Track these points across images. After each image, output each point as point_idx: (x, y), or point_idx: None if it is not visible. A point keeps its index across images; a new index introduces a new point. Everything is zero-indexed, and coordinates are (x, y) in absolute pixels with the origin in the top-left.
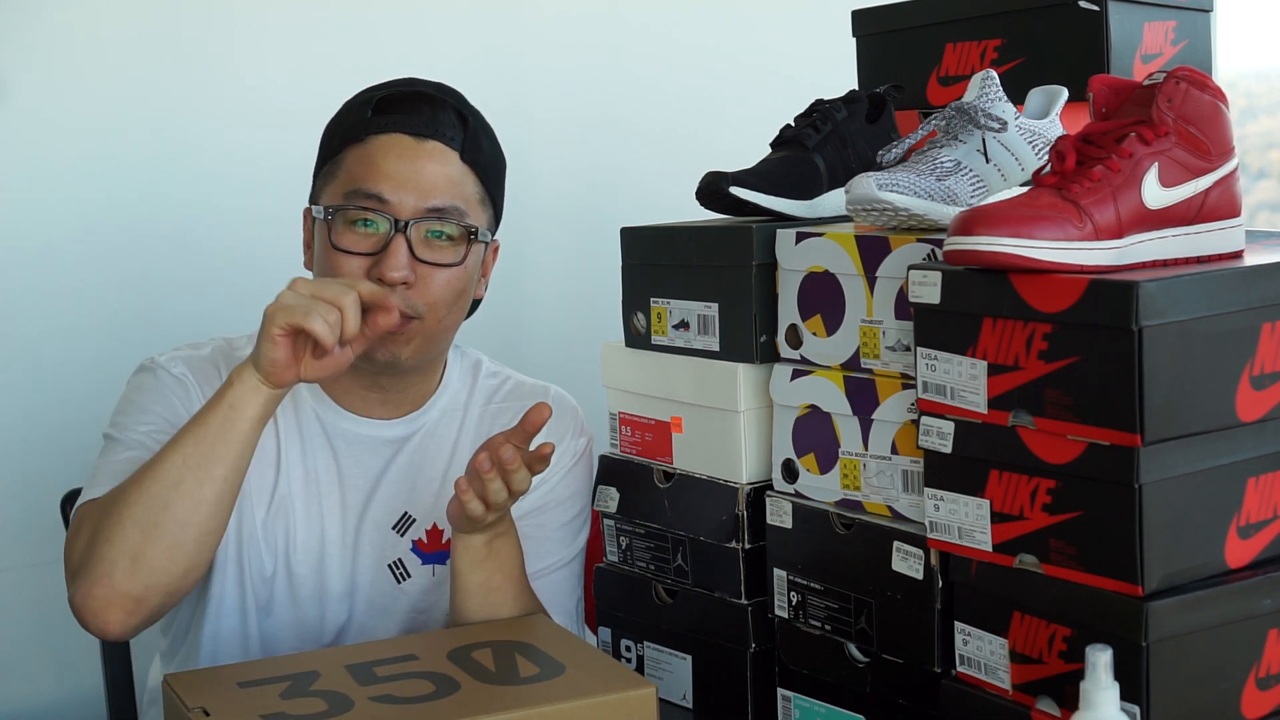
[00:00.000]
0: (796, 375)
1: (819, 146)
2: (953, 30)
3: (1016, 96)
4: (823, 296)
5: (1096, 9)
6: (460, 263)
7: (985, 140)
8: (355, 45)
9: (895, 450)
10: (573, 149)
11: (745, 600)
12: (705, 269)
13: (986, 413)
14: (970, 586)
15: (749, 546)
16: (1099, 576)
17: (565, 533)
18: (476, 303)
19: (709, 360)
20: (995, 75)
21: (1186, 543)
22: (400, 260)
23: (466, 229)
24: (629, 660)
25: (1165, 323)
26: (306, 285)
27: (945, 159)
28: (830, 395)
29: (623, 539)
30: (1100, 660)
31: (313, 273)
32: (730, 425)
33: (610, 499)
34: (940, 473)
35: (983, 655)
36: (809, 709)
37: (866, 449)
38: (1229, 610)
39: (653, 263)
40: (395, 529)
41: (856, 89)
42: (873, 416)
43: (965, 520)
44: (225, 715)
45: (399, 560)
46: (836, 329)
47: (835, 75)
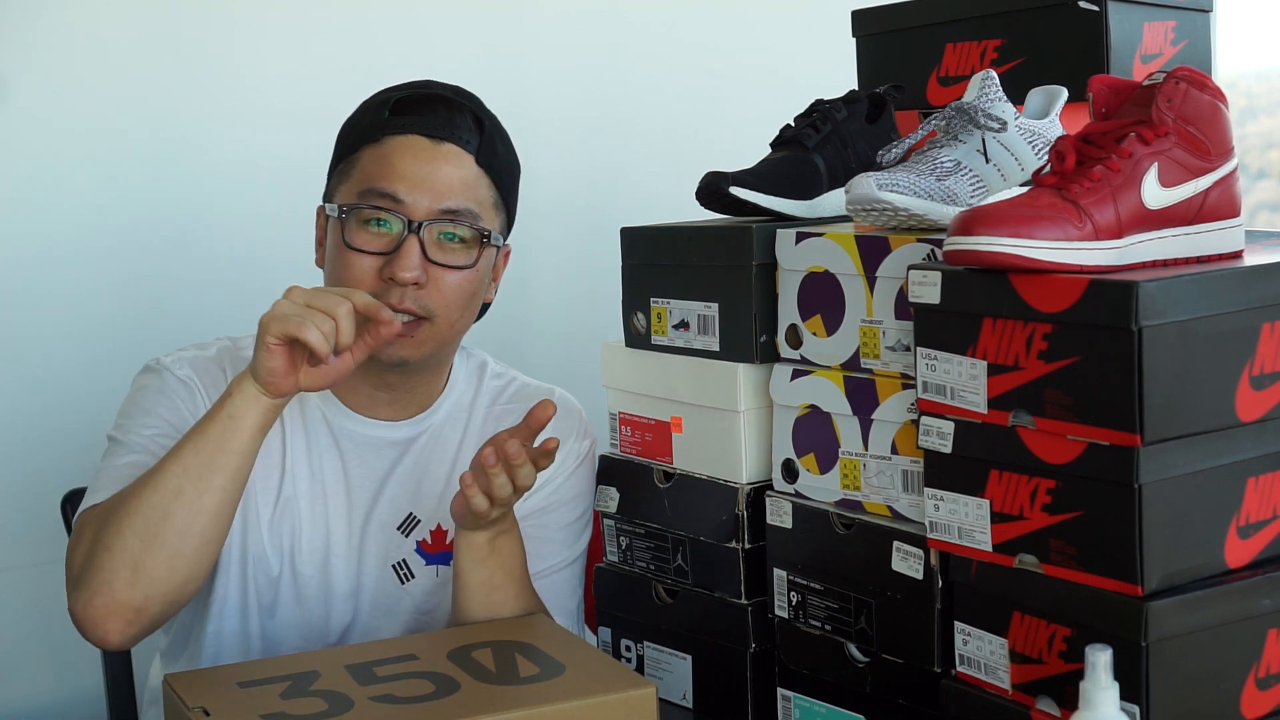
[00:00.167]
0: (796, 375)
1: (819, 146)
2: (953, 30)
3: (1016, 96)
4: (823, 296)
5: (1096, 9)
6: (472, 265)
7: (985, 140)
8: (355, 45)
9: (895, 450)
10: (573, 149)
11: (745, 600)
12: (705, 269)
13: (986, 413)
14: (970, 586)
15: (749, 546)
16: (1099, 576)
17: (568, 534)
18: (486, 306)
19: (709, 360)
20: (995, 75)
21: (1186, 543)
22: (412, 261)
23: (479, 232)
24: (629, 660)
25: (1165, 323)
26: (301, 294)
27: (945, 159)
28: (830, 395)
29: (623, 539)
30: (1100, 660)
31: (324, 271)
32: (730, 425)
33: (610, 499)
34: (940, 473)
35: (983, 655)
36: (809, 709)
37: (866, 449)
38: (1229, 610)
39: (653, 263)
40: (400, 529)
41: (856, 89)
42: (873, 416)
43: (965, 520)
44: (225, 715)
45: (403, 561)
46: (836, 329)
47: (835, 75)
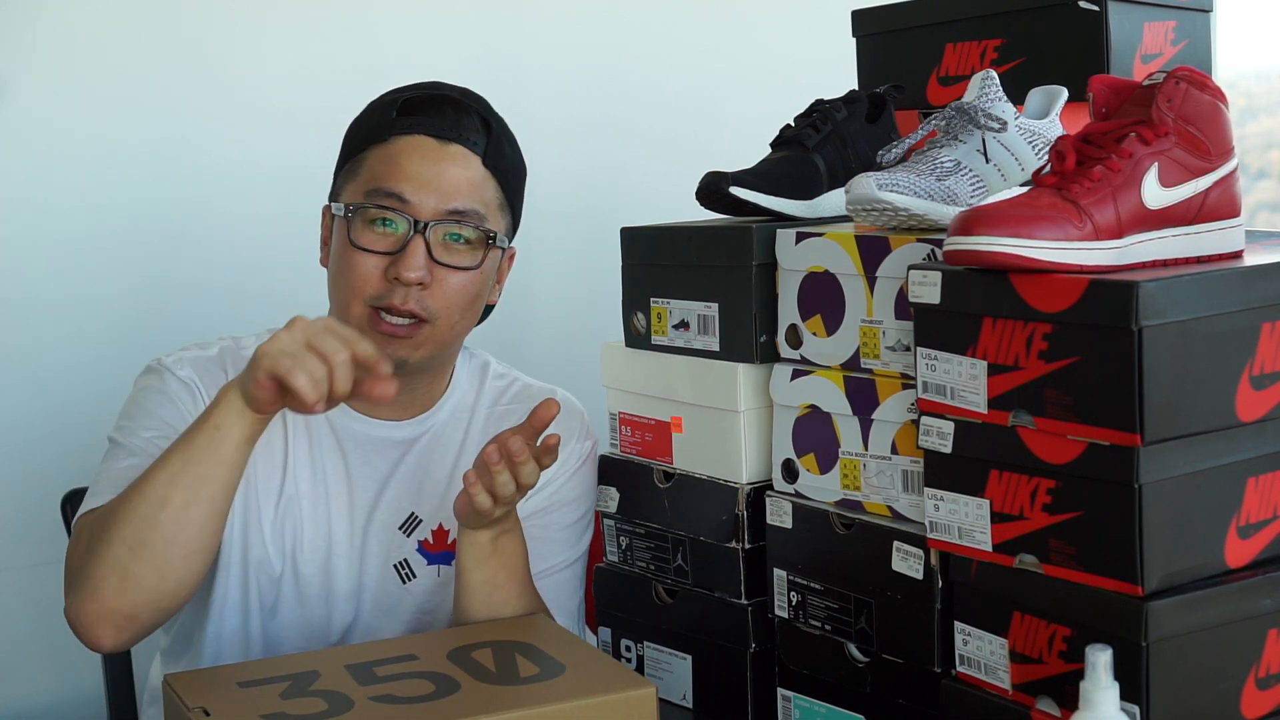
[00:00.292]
0: (796, 375)
1: (819, 146)
2: (953, 30)
3: (1016, 96)
4: (823, 296)
5: (1096, 9)
6: (477, 267)
7: (985, 140)
8: (355, 45)
9: (895, 450)
10: (573, 149)
11: (745, 600)
12: (705, 269)
13: (986, 413)
14: (970, 586)
15: (749, 546)
16: (1099, 576)
17: (569, 534)
18: (490, 308)
19: (709, 360)
20: (995, 75)
21: (1186, 543)
22: (418, 261)
23: (485, 233)
24: (629, 660)
25: (1165, 323)
26: (305, 330)
27: (945, 159)
28: (830, 395)
29: (623, 539)
30: (1100, 660)
31: (329, 270)
32: (730, 425)
33: (610, 499)
34: (940, 473)
35: (983, 655)
36: (809, 709)
37: (866, 449)
38: (1229, 610)
39: (653, 263)
40: (402, 529)
41: (856, 89)
42: (873, 416)
43: (965, 520)
44: (225, 715)
45: (404, 560)
46: (836, 329)
47: (835, 75)
